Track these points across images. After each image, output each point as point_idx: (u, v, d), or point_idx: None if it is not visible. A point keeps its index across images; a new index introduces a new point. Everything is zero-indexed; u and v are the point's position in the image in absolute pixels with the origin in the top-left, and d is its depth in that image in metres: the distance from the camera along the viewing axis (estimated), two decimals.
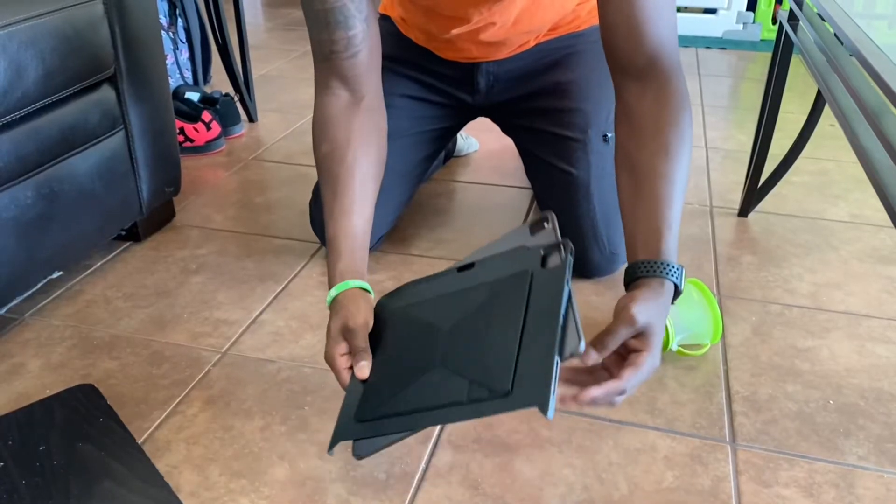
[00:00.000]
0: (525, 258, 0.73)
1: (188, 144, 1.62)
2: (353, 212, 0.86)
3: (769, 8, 2.68)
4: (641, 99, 0.82)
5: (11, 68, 0.91)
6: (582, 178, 1.10)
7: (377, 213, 1.15)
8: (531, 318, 0.67)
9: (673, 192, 0.77)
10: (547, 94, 1.15)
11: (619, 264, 1.14)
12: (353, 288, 0.81)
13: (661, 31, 0.80)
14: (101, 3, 1.07)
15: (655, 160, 0.79)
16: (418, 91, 1.20)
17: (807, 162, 1.59)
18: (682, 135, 0.80)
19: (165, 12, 1.84)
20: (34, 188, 0.99)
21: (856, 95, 0.71)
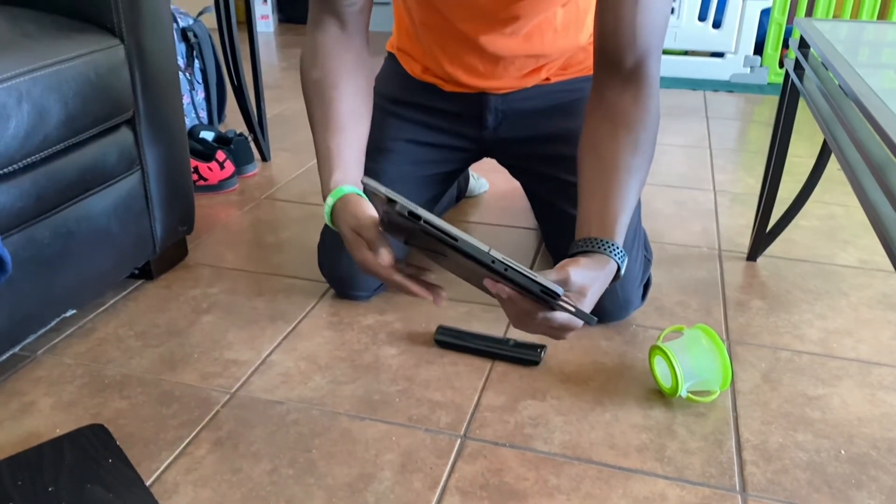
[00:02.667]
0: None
1: (202, 183, 1.64)
2: (349, 128, 0.91)
3: (776, 52, 2.71)
4: (621, 96, 0.88)
5: (35, 112, 0.94)
6: None
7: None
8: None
9: (634, 186, 0.85)
10: (557, 139, 1.17)
11: (630, 310, 1.14)
12: (349, 193, 0.86)
13: (653, 38, 0.86)
14: (122, 48, 1.10)
15: (625, 153, 0.85)
16: (424, 135, 1.21)
17: (815, 206, 1.60)
18: (651, 137, 0.88)
19: (183, 54, 1.89)
20: (51, 228, 1.01)
21: (861, 148, 0.72)
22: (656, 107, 0.89)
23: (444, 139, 1.21)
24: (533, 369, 1.03)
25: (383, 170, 1.18)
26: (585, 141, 0.90)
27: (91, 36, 1.06)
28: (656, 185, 1.73)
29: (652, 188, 1.71)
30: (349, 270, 1.16)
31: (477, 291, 1.24)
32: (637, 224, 1.15)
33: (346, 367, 1.03)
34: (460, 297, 1.23)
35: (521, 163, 1.23)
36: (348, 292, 1.19)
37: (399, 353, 1.07)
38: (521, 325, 0.77)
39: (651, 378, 1.01)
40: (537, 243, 1.43)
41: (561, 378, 1.02)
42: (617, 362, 1.05)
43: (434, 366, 1.04)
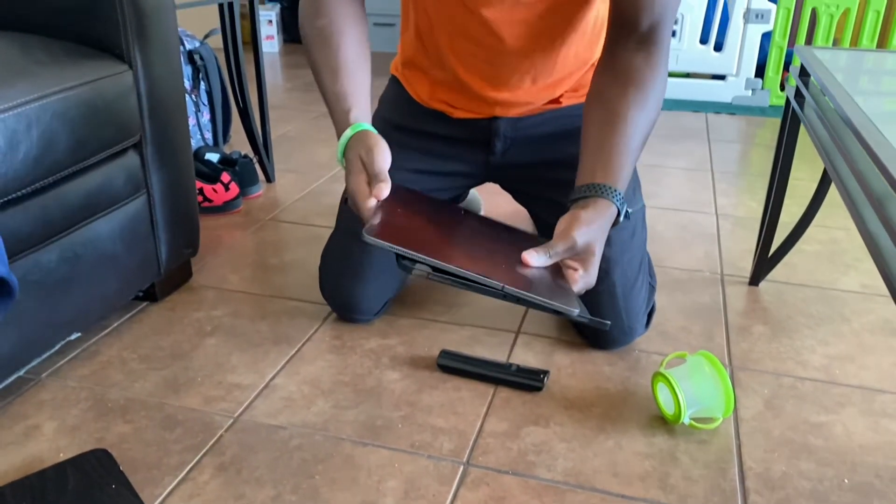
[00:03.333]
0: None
1: (207, 205, 1.66)
2: (359, 73, 0.96)
3: (777, 75, 2.73)
4: (634, 56, 0.94)
5: (44, 138, 0.95)
6: (605, 254, 1.10)
7: (382, 279, 1.17)
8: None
9: (639, 140, 0.91)
10: (565, 165, 1.12)
11: (635, 336, 1.14)
12: (367, 129, 0.90)
13: (669, 4, 0.92)
14: (130, 74, 1.11)
15: (633, 109, 0.91)
16: (426, 163, 1.19)
17: (817, 230, 1.61)
18: (658, 97, 0.94)
19: (189, 76, 1.91)
20: (58, 252, 1.01)
21: (861, 179, 0.73)
22: (665, 71, 0.96)
23: (447, 166, 1.20)
24: (536, 395, 1.03)
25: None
26: (593, 95, 0.96)
27: (100, 62, 1.08)
28: (659, 207, 1.74)
29: (654, 211, 1.72)
30: (351, 294, 1.17)
31: (480, 315, 1.25)
32: (643, 251, 1.16)
33: (349, 392, 1.04)
34: (463, 321, 1.23)
35: (528, 188, 1.22)
36: (350, 316, 1.19)
37: (402, 378, 1.07)
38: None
39: (654, 404, 1.01)
40: None
41: (564, 404, 1.02)
42: (620, 388, 1.05)
43: (437, 391, 1.04)
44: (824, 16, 2.62)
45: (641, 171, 1.99)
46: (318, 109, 2.65)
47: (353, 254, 1.16)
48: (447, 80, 1.15)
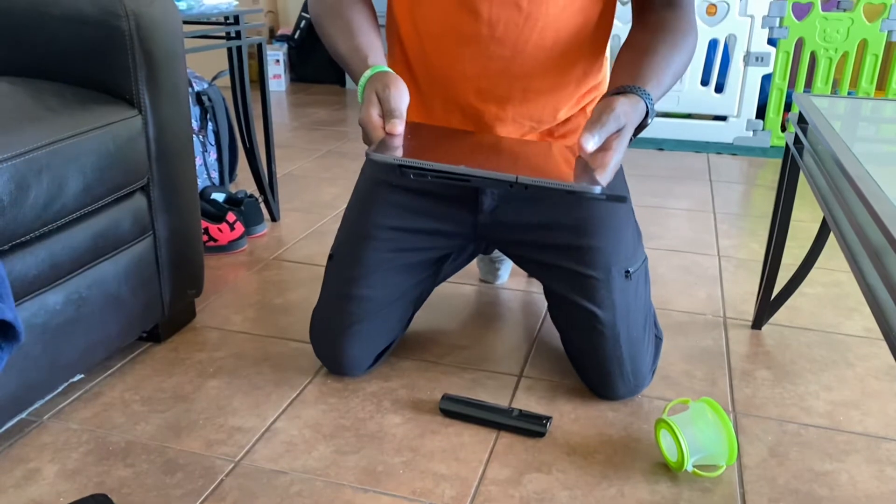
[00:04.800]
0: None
1: (211, 244, 1.67)
2: (373, 31, 1.02)
3: (778, 116, 2.76)
4: (661, 15, 1.01)
5: (54, 183, 0.97)
6: (607, 319, 1.08)
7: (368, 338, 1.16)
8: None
9: (669, 71, 0.95)
10: (561, 228, 1.12)
11: (642, 388, 1.13)
12: (387, 71, 0.92)
13: None
14: (140, 119, 1.13)
15: (665, 49, 0.97)
16: (410, 220, 1.15)
17: (820, 273, 1.61)
18: (691, 43, 1.00)
19: (197, 117, 1.94)
20: (64, 294, 1.02)
21: (859, 230, 0.73)
22: (695, 26, 1.02)
23: (432, 224, 1.16)
24: (538, 441, 1.03)
25: (362, 256, 1.14)
26: (624, 49, 1.02)
27: (110, 107, 1.10)
28: (661, 249, 1.75)
29: (657, 252, 1.72)
30: (337, 353, 1.15)
31: (482, 358, 1.25)
32: (648, 306, 1.15)
33: (350, 437, 1.03)
34: (466, 364, 1.23)
35: (521, 251, 1.18)
36: (340, 372, 1.18)
37: (403, 422, 1.07)
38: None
39: (657, 451, 1.01)
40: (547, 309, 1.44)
41: (566, 450, 1.01)
42: (623, 434, 1.05)
43: (439, 436, 1.04)
44: (823, 59, 2.65)
45: (643, 212, 2.00)
46: (324, 148, 2.68)
47: (338, 314, 1.15)
48: (434, 101, 1.11)
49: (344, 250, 1.18)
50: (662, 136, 2.87)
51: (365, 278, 1.14)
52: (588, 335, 1.10)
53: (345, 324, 1.15)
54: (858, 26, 2.58)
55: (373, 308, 1.15)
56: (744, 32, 2.67)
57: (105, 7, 1.11)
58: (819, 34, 2.62)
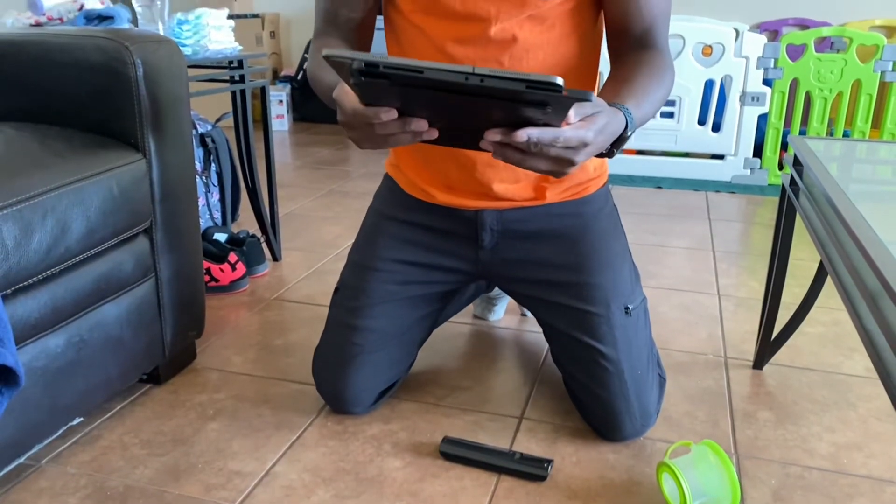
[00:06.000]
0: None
1: (213, 284, 1.68)
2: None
3: (775, 155, 2.79)
4: (638, 53, 1.02)
5: (58, 227, 0.98)
6: (611, 355, 1.09)
7: (371, 372, 1.16)
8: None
9: (648, 101, 0.94)
10: (560, 266, 1.14)
11: (648, 427, 1.13)
12: None
13: (656, 12, 1.02)
14: (144, 162, 1.15)
15: (642, 79, 0.97)
16: (413, 254, 1.17)
17: (820, 312, 1.61)
18: (669, 76, 1.01)
19: (201, 158, 1.96)
20: (65, 337, 1.03)
21: (855, 274, 0.74)
22: (671, 64, 1.03)
23: (436, 259, 1.18)
24: (540, 484, 1.02)
25: (367, 287, 1.16)
26: (605, 84, 1.02)
27: (115, 151, 1.12)
28: (661, 288, 1.75)
29: (657, 291, 1.73)
30: (339, 385, 1.16)
31: (483, 400, 1.24)
32: (649, 344, 1.16)
33: (350, 481, 1.03)
34: (466, 406, 1.22)
35: (521, 288, 1.19)
36: (341, 408, 1.18)
37: (404, 466, 1.06)
38: (528, 163, 0.78)
39: (659, 495, 1.00)
40: (548, 348, 1.43)
41: (568, 494, 1.00)
42: (624, 478, 1.04)
43: (439, 479, 1.03)
44: (818, 99, 2.69)
45: (643, 251, 2.01)
46: (326, 187, 2.70)
47: (342, 345, 1.16)
48: (430, 151, 1.13)
49: (349, 282, 1.20)
50: (661, 175, 2.89)
51: (369, 308, 1.16)
52: (592, 373, 1.10)
53: (348, 355, 1.15)
54: (852, 67, 2.62)
55: (376, 340, 1.16)
56: (739, 73, 2.71)
57: (112, 54, 1.14)
58: (813, 75, 2.66)
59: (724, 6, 3.58)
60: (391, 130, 0.77)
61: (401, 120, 0.76)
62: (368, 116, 0.76)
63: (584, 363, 1.11)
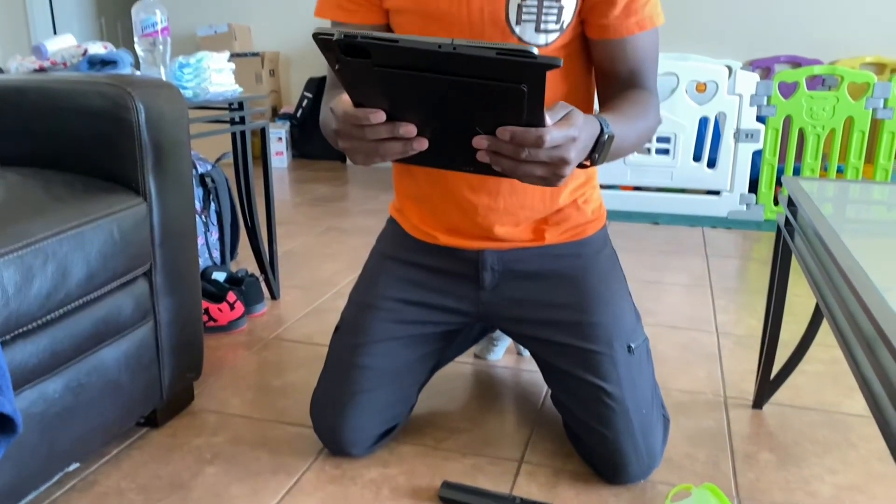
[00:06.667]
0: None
1: (211, 324, 1.67)
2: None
3: (770, 190, 2.81)
4: (625, 93, 1.04)
5: (58, 272, 0.98)
6: (615, 393, 1.09)
7: (369, 412, 1.16)
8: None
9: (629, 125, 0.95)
10: (561, 305, 1.14)
11: (653, 469, 1.12)
12: None
13: (643, 52, 1.04)
14: (145, 206, 1.16)
15: (626, 106, 0.99)
16: (414, 293, 1.18)
17: (819, 350, 1.61)
18: (652, 114, 1.03)
19: (200, 197, 1.97)
20: (63, 382, 1.02)
21: (851, 319, 0.74)
22: (657, 104, 1.05)
23: (437, 299, 1.19)
24: None
25: (367, 326, 1.17)
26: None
27: (116, 195, 1.13)
28: (660, 325, 1.75)
29: (656, 329, 1.73)
30: (337, 426, 1.15)
31: (482, 443, 1.23)
32: (652, 384, 1.16)
33: None
34: (466, 449, 1.22)
35: (523, 328, 1.20)
36: (339, 450, 1.17)
37: None
38: (523, 169, 0.77)
39: None
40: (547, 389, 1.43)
41: None
42: None
43: None
44: (811, 135, 2.73)
45: (641, 288, 2.02)
46: (325, 224, 2.72)
47: (341, 383, 1.16)
48: (433, 195, 1.15)
49: (350, 321, 1.21)
50: (657, 211, 2.91)
51: (369, 346, 1.16)
52: (597, 412, 1.10)
53: (347, 393, 1.15)
54: (844, 104, 2.66)
55: (375, 379, 1.15)
56: (733, 110, 2.75)
57: (114, 100, 1.15)
58: (806, 112, 2.70)
59: (716, 43, 3.64)
60: (381, 134, 0.78)
61: (390, 124, 0.77)
62: (358, 117, 0.77)
63: (588, 403, 1.11)
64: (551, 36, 1.03)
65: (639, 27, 1.02)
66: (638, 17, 1.02)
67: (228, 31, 4.13)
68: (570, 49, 1.06)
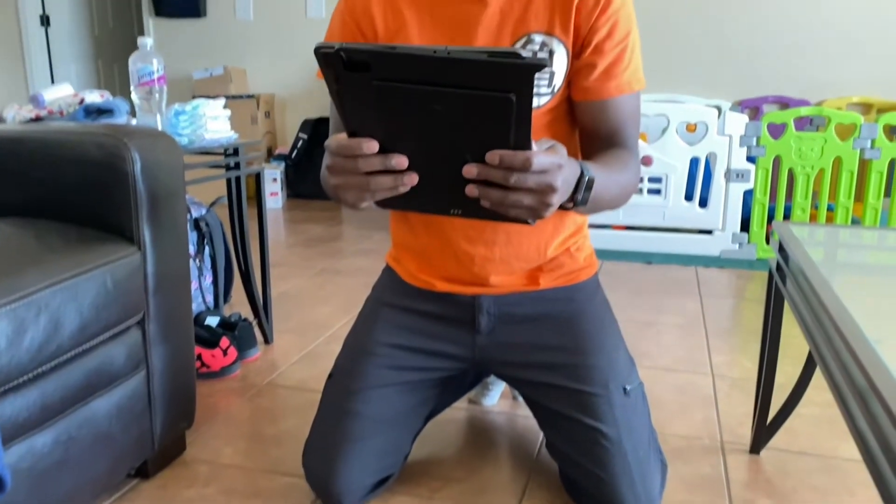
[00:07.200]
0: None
1: (204, 370, 1.66)
2: None
3: (762, 229, 2.83)
4: (605, 150, 1.07)
5: (51, 324, 0.98)
6: (612, 435, 1.08)
7: (363, 461, 1.14)
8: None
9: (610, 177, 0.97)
10: (556, 348, 1.15)
11: None
12: None
13: (623, 115, 1.07)
14: (139, 255, 1.16)
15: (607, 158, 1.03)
16: (411, 339, 1.18)
17: (815, 392, 1.60)
18: (633, 171, 1.06)
19: (194, 241, 1.97)
20: (53, 435, 1.01)
21: (844, 372, 0.75)
22: (637, 163, 1.10)
23: (433, 344, 1.19)
24: None
25: (363, 371, 1.17)
26: None
27: (111, 245, 1.13)
28: (655, 368, 1.75)
29: (651, 371, 1.72)
30: (329, 476, 1.13)
31: (478, 492, 1.22)
32: (649, 428, 1.15)
33: None
34: (461, 498, 1.20)
35: (520, 373, 1.20)
36: (334, 501, 1.15)
37: None
38: (512, 198, 0.78)
39: None
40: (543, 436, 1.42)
41: None
42: None
43: None
44: (801, 175, 2.76)
45: (636, 329, 2.02)
46: (319, 265, 2.72)
47: (334, 430, 1.15)
48: (430, 246, 1.17)
49: (344, 366, 1.21)
50: (650, 250, 2.92)
51: (363, 392, 1.15)
52: (595, 455, 1.09)
53: (340, 440, 1.14)
54: (832, 145, 2.70)
55: (369, 426, 1.14)
56: (723, 151, 2.78)
57: (110, 150, 1.16)
58: (795, 152, 2.74)
59: (706, 84, 3.71)
60: (373, 166, 0.79)
61: (382, 155, 0.78)
62: (352, 147, 0.78)
63: (584, 446, 1.10)
64: (543, 99, 1.07)
65: (618, 91, 1.06)
66: (618, 81, 1.05)
67: (224, 74, 4.18)
68: (557, 112, 1.10)
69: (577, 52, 1.06)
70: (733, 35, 3.64)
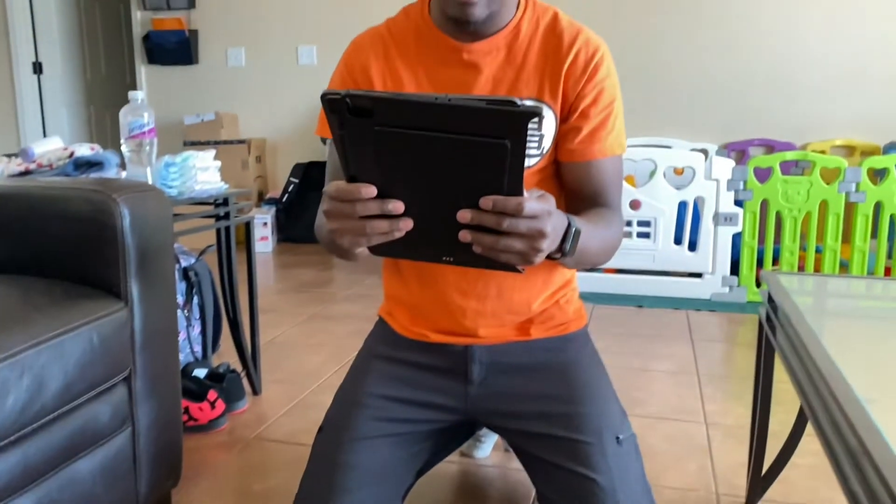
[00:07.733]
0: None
1: (191, 423, 1.64)
2: None
3: (751, 272, 2.84)
4: (589, 209, 1.09)
5: (34, 385, 0.96)
6: (606, 484, 1.05)
7: None
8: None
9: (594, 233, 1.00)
10: (548, 397, 1.15)
11: None
12: None
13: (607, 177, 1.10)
14: (126, 311, 1.15)
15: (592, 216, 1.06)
16: (402, 391, 1.17)
17: (810, 440, 1.58)
18: (616, 230, 1.09)
19: (183, 291, 1.96)
20: (34, 499, 0.99)
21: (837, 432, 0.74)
22: (621, 222, 1.13)
23: (425, 396, 1.18)
24: None
25: (352, 422, 1.15)
26: None
27: (97, 301, 1.12)
28: (648, 417, 1.73)
29: (644, 420, 1.71)
30: None
31: None
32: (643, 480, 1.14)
33: None
34: None
35: (512, 423, 1.19)
36: None
37: None
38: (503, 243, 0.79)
39: None
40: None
41: None
42: None
43: None
44: (788, 218, 2.78)
45: (628, 375, 2.01)
46: (309, 311, 2.70)
47: (323, 484, 1.12)
48: (423, 299, 1.18)
49: (333, 419, 1.18)
50: (641, 293, 2.93)
51: (354, 443, 1.13)
52: None
53: (329, 495, 1.11)
54: (817, 188, 2.73)
55: (359, 478, 1.12)
56: (711, 195, 2.81)
57: (98, 205, 1.16)
58: (782, 196, 2.77)
59: (693, 128, 3.77)
60: (370, 211, 0.80)
61: (379, 200, 0.80)
62: (350, 191, 0.80)
63: (578, 497, 1.09)
64: (532, 160, 1.10)
65: (601, 154, 1.10)
66: (601, 145, 1.09)
67: (216, 119, 4.21)
68: (545, 173, 1.13)
69: (564, 117, 1.09)
70: (719, 79, 3.71)
